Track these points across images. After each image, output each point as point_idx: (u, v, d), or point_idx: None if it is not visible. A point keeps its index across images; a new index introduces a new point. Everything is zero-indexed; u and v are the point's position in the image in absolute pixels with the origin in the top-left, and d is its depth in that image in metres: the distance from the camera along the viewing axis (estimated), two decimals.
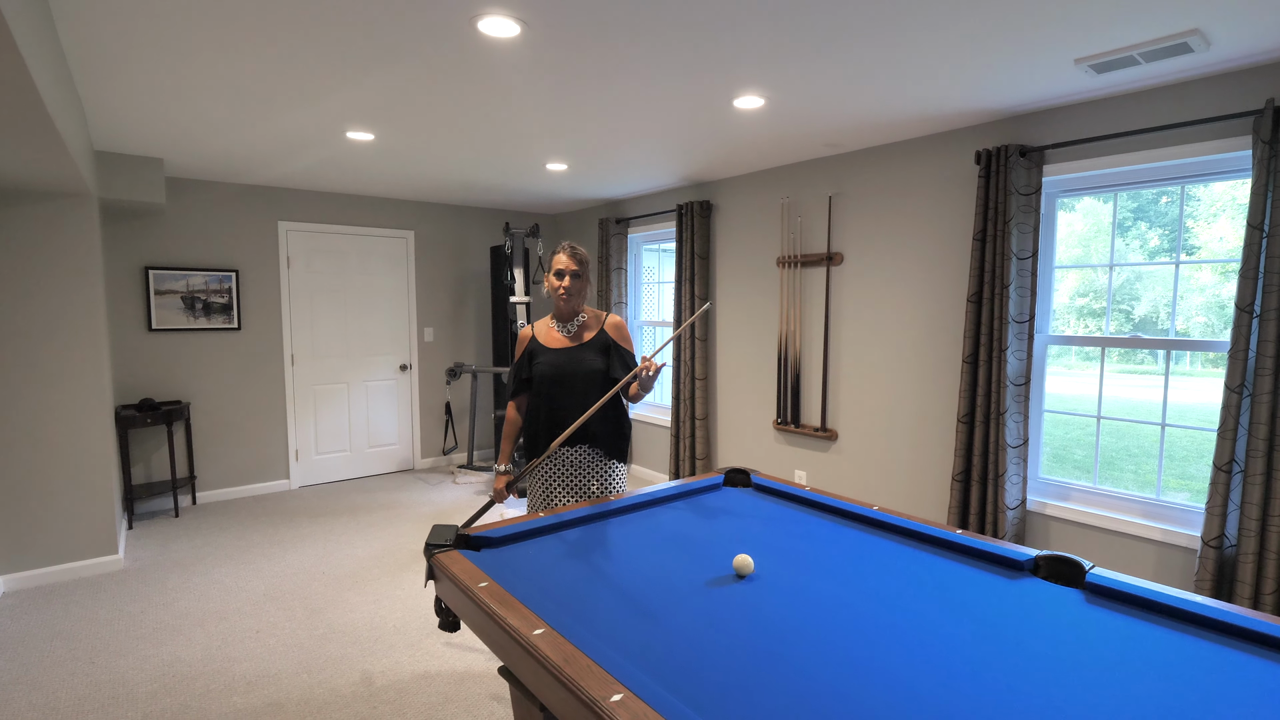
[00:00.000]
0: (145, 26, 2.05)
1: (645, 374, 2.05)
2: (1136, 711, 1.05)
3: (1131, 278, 5.02)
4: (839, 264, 3.75)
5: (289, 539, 3.94)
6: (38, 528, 3.30)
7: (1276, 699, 1.09)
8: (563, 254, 2.24)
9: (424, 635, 2.78)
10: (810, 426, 3.95)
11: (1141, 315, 5.12)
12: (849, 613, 1.39)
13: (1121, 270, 3.83)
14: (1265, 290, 2.25)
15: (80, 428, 3.37)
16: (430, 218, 5.60)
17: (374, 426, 5.45)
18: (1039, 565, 1.66)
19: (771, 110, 2.90)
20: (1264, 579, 2.28)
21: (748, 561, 1.60)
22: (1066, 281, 2.73)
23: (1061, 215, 3.00)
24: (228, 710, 2.27)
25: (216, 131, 3.28)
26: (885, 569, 1.63)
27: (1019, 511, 2.97)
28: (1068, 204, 3.01)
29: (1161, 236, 2.84)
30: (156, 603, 3.09)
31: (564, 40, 2.15)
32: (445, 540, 1.76)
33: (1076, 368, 7.65)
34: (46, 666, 2.54)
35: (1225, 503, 2.37)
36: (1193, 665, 1.19)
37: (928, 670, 1.16)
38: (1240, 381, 2.32)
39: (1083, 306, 3.87)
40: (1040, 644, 1.26)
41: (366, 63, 2.34)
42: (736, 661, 1.19)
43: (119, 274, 4.32)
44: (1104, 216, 2.99)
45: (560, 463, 2.26)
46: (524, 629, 1.29)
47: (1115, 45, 2.17)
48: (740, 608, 1.41)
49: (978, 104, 2.82)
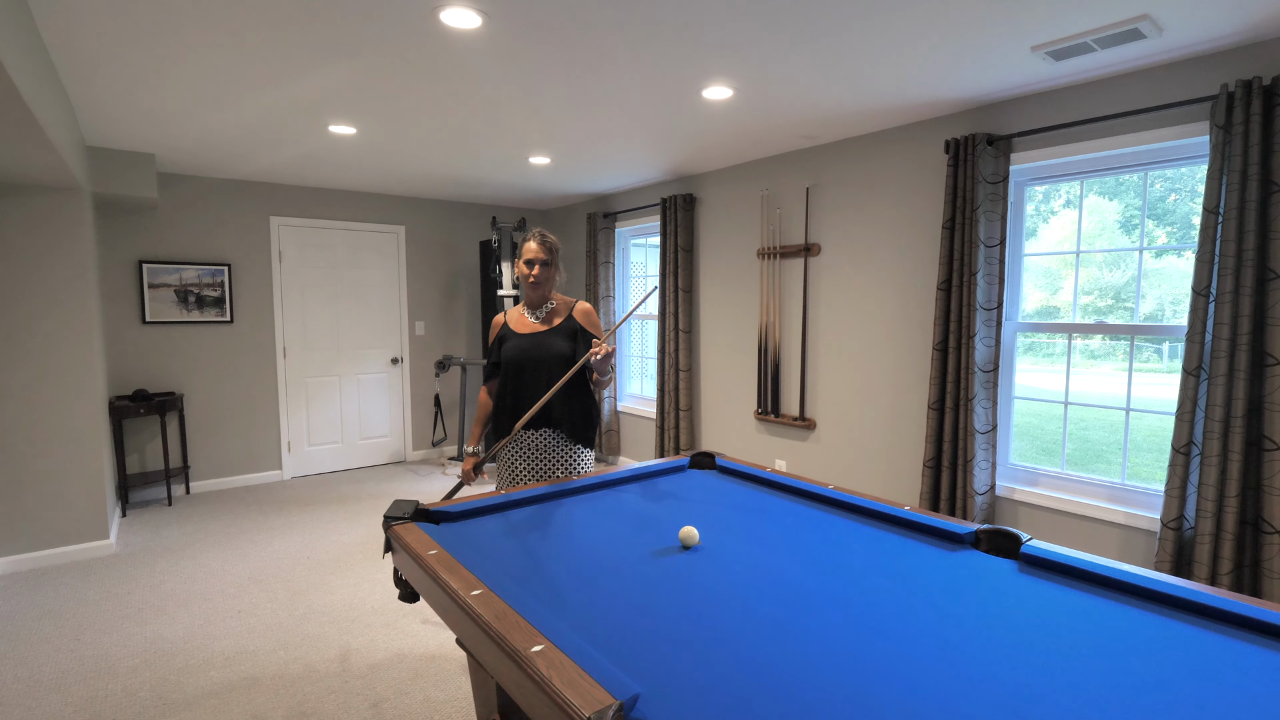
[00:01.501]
0: (123, 24, 2.12)
1: (595, 358, 2.10)
2: (1052, 664, 1.09)
3: (1135, 275, 5.02)
4: (816, 255, 3.79)
5: (277, 526, 4.02)
6: (31, 513, 3.39)
7: (1182, 650, 1.13)
8: (532, 241, 2.29)
9: (400, 616, 2.84)
10: (789, 416, 3.99)
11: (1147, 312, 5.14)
12: (785, 580, 1.43)
13: (1126, 268, 3.84)
14: (1220, 273, 2.28)
15: (72, 416, 3.45)
16: (421, 213, 5.67)
17: (365, 419, 5.53)
18: (980, 539, 1.70)
19: (740, 101, 2.95)
20: (1220, 559, 2.31)
21: (693, 533, 1.65)
22: (1069, 280, 2.74)
23: (1068, 212, 3.01)
24: (205, 684, 2.34)
25: (200, 126, 3.35)
26: (829, 542, 1.67)
27: (988, 497, 3.01)
28: (1073, 200, 3.04)
29: (1170, 235, 2.85)
30: (143, 585, 3.17)
31: (526, 32, 2.21)
32: (403, 513, 1.81)
33: (1081, 365, 7.64)
34: (33, 643, 2.62)
35: (1184, 485, 2.40)
36: (1110, 625, 1.23)
37: (850, 631, 1.20)
38: (1197, 364, 2.35)
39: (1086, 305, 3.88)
40: (968, 607, 1.30)
41: (333, 53, 2.40)
42: (664, 621, 1.24)
43: (113, 267, 4.40)
44: (1110, 214, 3.01)
45: (526, 446, 2.31)
46: (463, 590, 1.34)
47: (1069, 32, 2.21)
48: (678, 574, 1.46)
49: (946, 94, 2.85)
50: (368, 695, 2.27)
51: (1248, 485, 2.29)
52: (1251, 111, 2.18)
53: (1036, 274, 3.07)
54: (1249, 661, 1.10)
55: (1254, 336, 2.24)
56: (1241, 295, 2.24)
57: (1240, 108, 2.21)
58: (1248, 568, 2.31)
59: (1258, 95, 2.17)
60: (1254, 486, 2.29)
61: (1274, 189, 2.17)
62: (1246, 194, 2.21)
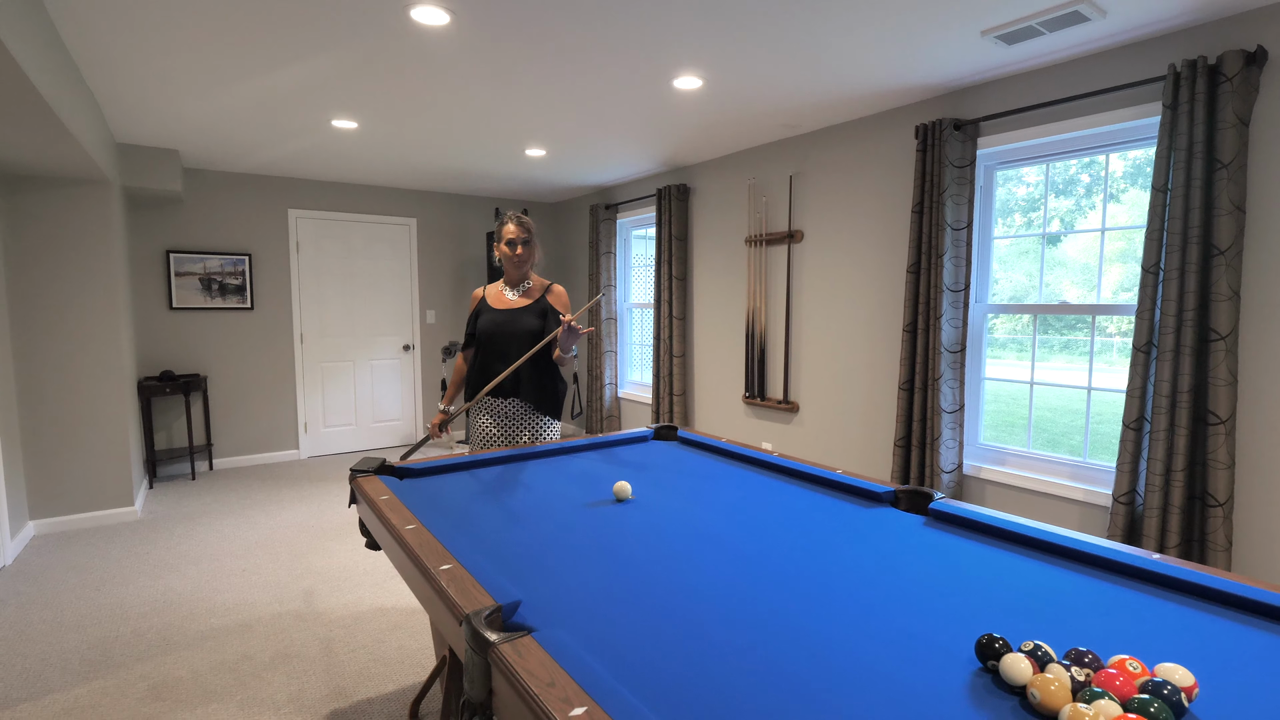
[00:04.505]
0: (130, 21, 2.34)
1: (563, 330, 2.25)
2: (939, 598, 1.20)
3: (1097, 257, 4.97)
4: (800, 241, 3.88)
5: (289, 499, 4.28)
6: (64, 481, 3.70)
7: (1059, 591, 1.23)
8: (511, 224, 2.44)
9: (389, 578, 3.04)
10: (774, 399, 4.08)
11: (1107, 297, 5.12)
12: (702, 527, 1.54)
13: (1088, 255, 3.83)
14: (1168, 250, 2.31)
15: (101, 393, 3.75)
16: (431, 206, 5.90)
17: (378, 402, 5.79)
18: (899, 498, 1.80)
19: (710, 91, 3.06)
20: (1168, 532, 2.35)
21: (625, 487, 1.78)
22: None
23: (1037, 196, 3.07)
24: (204, 628, 2.57)
25: (210, 118, 3.61)
26: (759, 499, 1.79)
27: (955, 475, 3.07)
28: (1038, 185, 3.08)
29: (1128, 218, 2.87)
30: (161, 546, 3.44)
31: (494, 29, 2.37)
32: (368, 468, 1.99)
33: (1078, 362, 7.55)
34: (60, 591, 2.90)
35: (1135, 460, 2.45)
36: (997, 568, 1.33)
37: (745, 566, 1.31)
38: (1147, 340, 2.39)
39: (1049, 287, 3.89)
40: (871, 554, 1.38)
41: (314, 46, 2.58)
42: (575, 553, 1.38)
43: (143, 257, 4.73)
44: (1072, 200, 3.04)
45: (496, 413, 2.47)
46: (399, 524, 1.51)
47: (1014, 15, 2.27)
48: (603, 520, 1.60)
49: (913, 80, 2.92)
50: (348, 642, 2.47)
51: (1195, 460, 2.33)
52: (1197, 91, 2.22)
53: (1012, 258, 3.11)
54: (1086, 587, 1.20)
55: (1199, 313, 2.27)
56: (1187, 272, 2.27)
57: (1186, 87, 2.24)
58: (1195, 541, 2.34)
59: (1203, 75, 2.21)
60: (1201, 461, 2.32)
61: (1218, 166, 2.20)
62: (1192, 172, 2.24)
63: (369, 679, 2.23)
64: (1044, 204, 2.91)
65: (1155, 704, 0.83)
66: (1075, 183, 2.73)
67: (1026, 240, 3.06)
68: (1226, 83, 2.18)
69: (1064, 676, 0.88)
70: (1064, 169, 2.69)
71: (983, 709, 0.86)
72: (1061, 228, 2.90)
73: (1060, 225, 2.90)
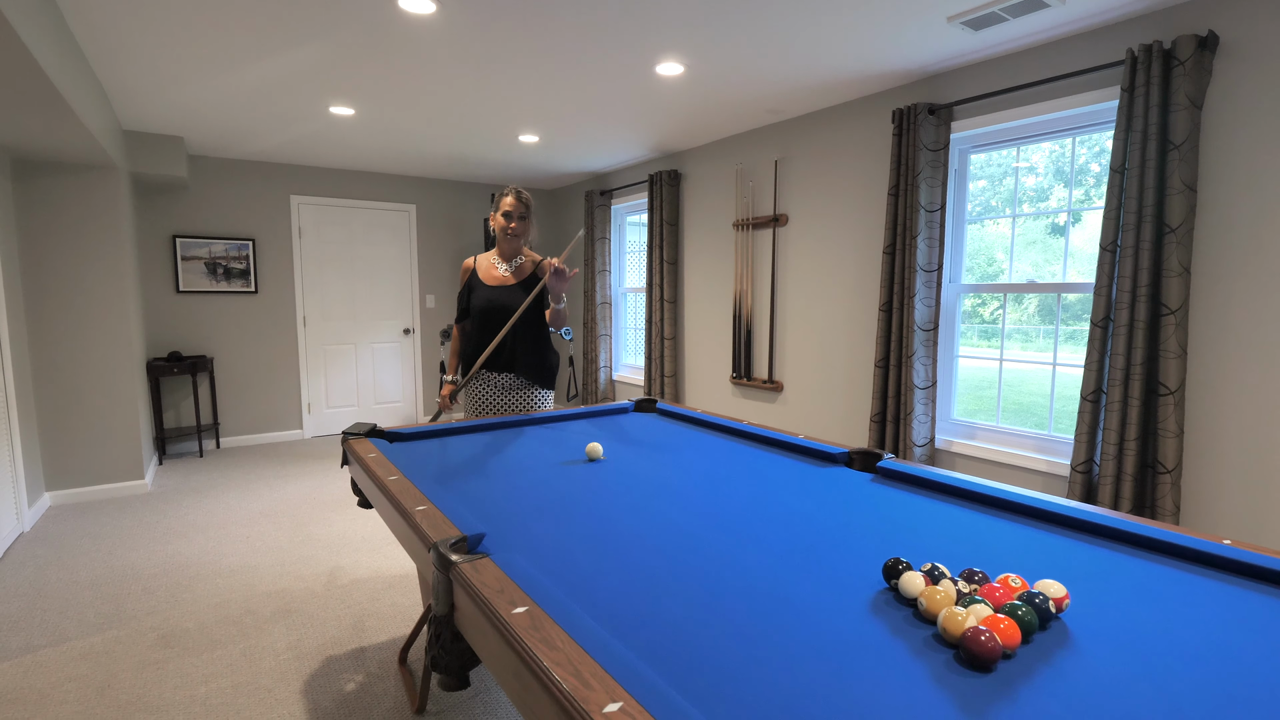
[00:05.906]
0: (142, 14, 2.47)
1: (551, 279, 2.32)
2: (870, 540, 1.33)
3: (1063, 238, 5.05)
4: (784, 225, 3.98)
5: (292, 474, 4.44)
6: (77, 455, 3.87)
7: (982, 533, 1.36)
8: (509, 196, 2.54)
9: (386, 543, 3.20)
10: (760, 379, 4.20)
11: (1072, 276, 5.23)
12: (662, 482, 1.67)
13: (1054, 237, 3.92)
14: (1123, 228, 2.41)
15: (111, 371, 3.91)
16: (430, 192, 6.02)
17: (380, 384, 5.95)
18: (852, 459, 1.93)
19: (692, 77, 3.16)
20: (1121, 499, 2.46)
21: (596, 448, 1.91)
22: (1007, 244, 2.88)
23: (1007, 179, 3.16)
24: (210, 588, 2.73)
25: (211, 104, 3.73)
26: (724, 460, 1.91)
27: (927, 449, 3.19)
28: (1007, 168, 3.18)
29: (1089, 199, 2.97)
30: (170, 515, 3.61)
31: (480, 17, 2.48)
32: (360, 431, 2.13)
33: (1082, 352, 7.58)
34: (75, 554, 3.07)
35: (1092, 431, 2.56)
36: (930, 515, 1.46)
37: (700, 514, 1.43)
38: (1104, 315, 2.49)
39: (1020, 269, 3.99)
40: (815, 504, 1.50)
41: (307, 32, 2.71)
42: (540, 501, 1.51)
43: (150, 241, 4.88)
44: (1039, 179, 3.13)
45: (493, 386, 2.60)
46: (382, 475, 1.65)
47: (978, 1, 2.36)
48: (572, 477, 1.73)
49: (888, 66, 3.01)
50: (345, 600, 2.62)
51: (1148, 430, 2.44)
52: (1152, 75, 2.31)
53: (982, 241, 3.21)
54: (1009, 530, 1.33)
55: (1152, 288, 2.37)
56: (1141, 249, 2.37)
57: (1143, 71, 2.33)
58: (1147, 508, 2.46)
59: (1158, 58, 2.29)
60: (1153, 431, 2.43)
61: (1170, 147, 2.30)
62: (1147, 153, 2.34)
63: (362, 631, 2.39)
64: (1014, 188, 3.00)
65: (1023, 609, 0.95)
66: (1085, 172, 2.82)
67: (1034, 230, 3.15)
68: (1180, 66, 2.27)
69: (951, 589, 1.01)
70: (1072, 158, 2.77)
71: (879, 617, 0.99)
72: (1070, 219, 2.99)
73: (1069, 218, 3.00)
